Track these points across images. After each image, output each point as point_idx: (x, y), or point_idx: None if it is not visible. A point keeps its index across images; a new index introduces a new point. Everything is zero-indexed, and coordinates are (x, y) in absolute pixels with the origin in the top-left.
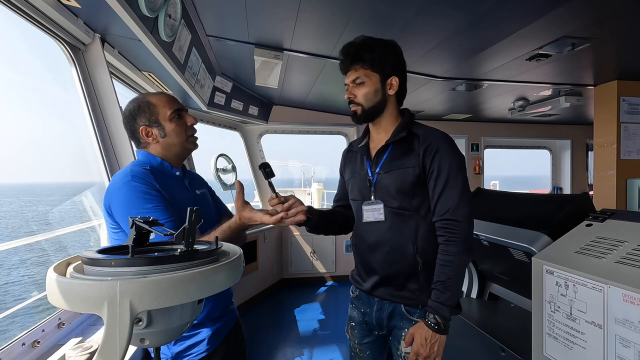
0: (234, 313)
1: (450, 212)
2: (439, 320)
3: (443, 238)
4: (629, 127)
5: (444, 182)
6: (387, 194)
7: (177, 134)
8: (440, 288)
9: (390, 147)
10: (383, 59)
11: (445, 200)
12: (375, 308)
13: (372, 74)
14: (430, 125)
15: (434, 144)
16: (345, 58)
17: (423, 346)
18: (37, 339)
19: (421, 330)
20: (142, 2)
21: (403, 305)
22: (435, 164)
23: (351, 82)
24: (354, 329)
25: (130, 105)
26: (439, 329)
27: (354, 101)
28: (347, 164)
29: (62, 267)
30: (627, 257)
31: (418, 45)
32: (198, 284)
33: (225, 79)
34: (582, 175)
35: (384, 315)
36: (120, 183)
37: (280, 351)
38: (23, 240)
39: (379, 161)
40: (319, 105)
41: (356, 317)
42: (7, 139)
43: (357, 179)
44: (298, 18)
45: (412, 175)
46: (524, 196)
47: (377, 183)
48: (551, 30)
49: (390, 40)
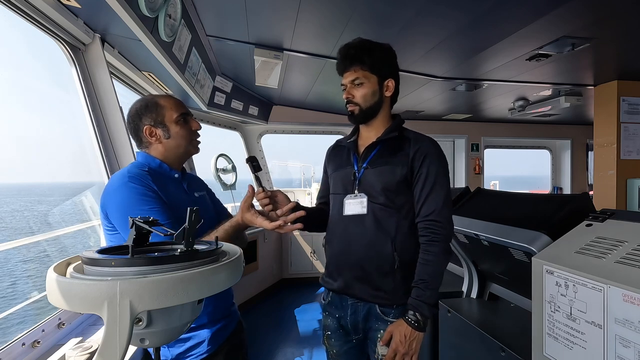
0: (235, 314)
1: (435, 214)
2: (419, 317)
3: (426, 238)
4: (629, 127)
5: (431, 185)
6: (372, 189)
7: (182, 137)
8: (422, 286)
9: (380, 145)
10: (381, 61)
11: (431, 202)
12: (349, 311)
13: (370, 75)
14: (430, 125)
15: (424, 148)
16: (344, 59)
17: (402, 343)
18: (37, 339)
19: (400, 327)
20: (142, 2)
21: (377, 306)
22: (424, 167)
23: (350, 83)
24: (330, 338)
25: (138, 104)
26: (419, 327)
27: (352, 101)
28: (332, 159)
29: (62, 267)
30: (627, 257)
31: (418, 45)
32: (198, 284)
33: (225, 79)
34: (582, 175)
35: (359, 318)
36: (118, 184)
37: (280, 351)
38: (23, 240)
39: (367, 157)
40: (319, 105)
41: (331, 324)
42: (7, 139)
43: (341, 173)
44: (298, 18)
45: (399, 174)
46: (524, 196)
47: (363, 177)
48: (551, 30)
49: (386, 44)
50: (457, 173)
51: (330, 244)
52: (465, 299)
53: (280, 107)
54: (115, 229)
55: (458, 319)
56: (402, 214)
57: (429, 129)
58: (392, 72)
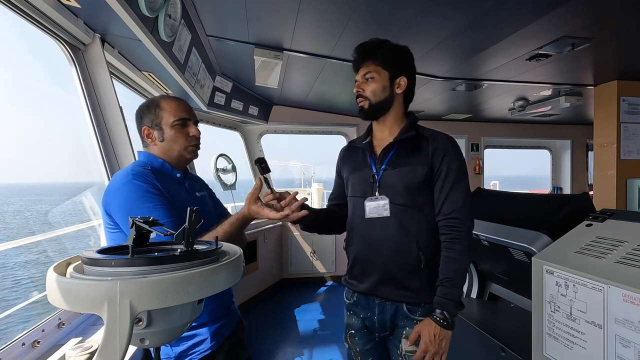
0: (235, 313)
1: (457, 212)
2: (446, 315)
3: (449, 236)
4: (629, 127)
5: (452, 183)
6: (393, 191)
7: (175, 142)
8: (447, 284)
9: (397, 146)
10: (394, 58)
11: (452, 201)
12: (377, 311)
13: (382, 70)
14: (430, 125)
15: (442, 145)
16: (359, 55)
17: (432, 342)
18: (37, 339)
19: (429, 327)
20: (142, 2)
21: (405, 305)
22: (444, 165)
23: (361, 77)
24: (354, 337)
25: (144, 103)
26: (447, 325)
27: (362, 95)
28: (346, 161)
29: (62, 267)
30: (627, 257)
31: (418, 45)
32: (198, 284)
33: (225, 79)
34: (582, 175)
35: (387, 317)
36: (122, 182)
37: (280, 351)
38: (23, 240)
39: (385, 158)
40: (319, 105)
41: (355, 323)
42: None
43: (359, 175)
44: (298, 18)
45: (420, 173)
46: (524, 196)
47: (382, 179)
48: (551, 30)
49: (405, 46)
50: None
51: (352, 247)
52: (465, 299)
53: (280, 107)
54: (117, 227)
55: (458, 319)
56: (424, 213)
57: None
58: (405, 71)
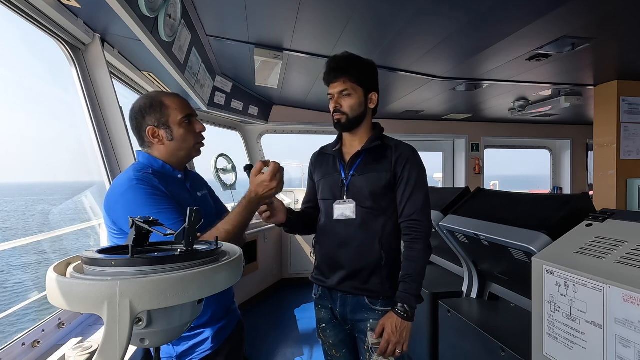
0: (236, 313)
1: (417, 214)
2: (407, 308)
3: (410, 236)
4: (629, 127)
5: (412, 188)
6: (360, 195)
7: (185, 140)
8: (408, 280)
9: (364, 154)
10: (367, 75)
11: (412, 204)
12: (338, 303)
13: (357, 87)
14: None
15: (405, 154)
16: (333, 70)
17: (394, 333)
18: (37, 339)
19: (391, 319)
20: (142, 2)
21: (366, 297)
22: (405, 172)
23: (337, 93)
24: (325, 330)
25: (142, 101)
26: (407, 317)
27: (340, 110)
28: (318, 166)
29: (62, 267)
30: (627, 257)
31: (418, 45)
32: (198, 284)
33: (225, 79)
34: (582, 175)
35: (347, 310)
36: (126, 187)
37: (280, 351)
38: (23, 240)
39: (353, 165)
40: (319, 105)
41: (325, 316)
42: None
43: (329, 180)
44: (298, 18)
45: (384, 179)
46: (524, 196)
47: (351, 184)
48: (551, 30)
49: (371, 60)
50: (457, 173)
51: (321, 245)
52: (465, 299)
53: (280, 107)
54: (122, 232)
55: (458, 319)
56: (388, 215)
57: (429, 129)
58: (375, 87)
